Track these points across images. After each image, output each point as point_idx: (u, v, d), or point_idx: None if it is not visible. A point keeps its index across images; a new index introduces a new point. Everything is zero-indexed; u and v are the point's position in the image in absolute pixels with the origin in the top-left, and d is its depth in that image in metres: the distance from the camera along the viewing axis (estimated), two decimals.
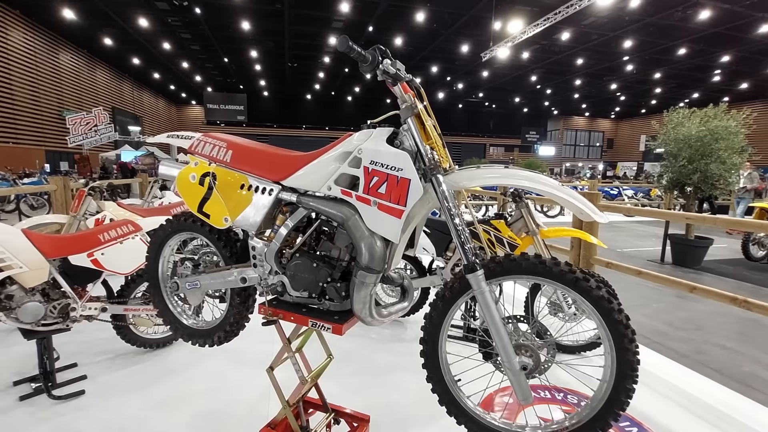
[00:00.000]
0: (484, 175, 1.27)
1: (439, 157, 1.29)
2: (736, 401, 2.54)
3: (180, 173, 1.63)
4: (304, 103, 33.74)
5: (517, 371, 1.22)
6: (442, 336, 1.35)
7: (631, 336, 1.14)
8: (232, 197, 1.55)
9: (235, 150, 1.59)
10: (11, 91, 16.02)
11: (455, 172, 1.31)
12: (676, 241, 6.42)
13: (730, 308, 3.90)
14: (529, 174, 1.25)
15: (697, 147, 5.79)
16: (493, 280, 1.24)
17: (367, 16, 15.89)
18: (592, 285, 1.15)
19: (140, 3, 14.94)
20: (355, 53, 1.22)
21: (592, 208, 1.22)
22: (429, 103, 1.36)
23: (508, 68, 22.90)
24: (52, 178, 5.68)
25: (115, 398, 2.34)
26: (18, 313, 2.21)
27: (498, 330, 1.21)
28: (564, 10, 12.94)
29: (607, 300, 1.14)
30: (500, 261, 1.24)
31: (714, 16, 14.81)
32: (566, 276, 1.16)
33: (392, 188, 1.27)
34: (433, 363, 1.37)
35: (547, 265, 1.18)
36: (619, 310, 1.15)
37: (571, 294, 1.18)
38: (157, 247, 1.76)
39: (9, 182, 10.70)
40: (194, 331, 1.77)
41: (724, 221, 2.84)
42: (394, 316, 1.49)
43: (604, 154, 41.19)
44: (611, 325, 1.14)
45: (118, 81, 24.87)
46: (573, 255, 3.77)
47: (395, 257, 1.39)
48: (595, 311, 1.16)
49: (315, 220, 1.50)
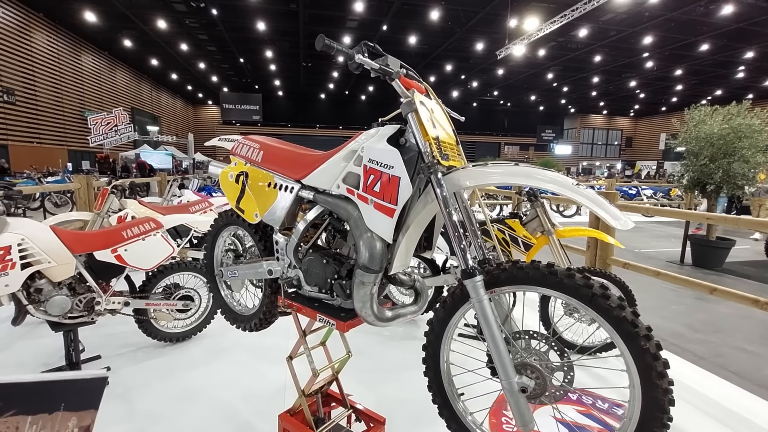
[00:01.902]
0: (492, 173, 1.16)
1: (442, 155, 1.22)
2: (755, 405, 2.48)
3: (222, 172, 1.79)
4: (318, 103, 33.96)
5: (515, 392, 1.08)
6: (444, 345, 1.29)
7: (661, 369, 0.94)
8: (261, 194, 1.66)
9: (265, 151, 1.69)
10: (35, 92, 16.54)
11: (461, 170, 1.22)
12: (696, 241, 6.28)
13: (752, 311, 3.80)
14: (541, 172, 1.12)
15: (720, 145, 5.65)
16: (495, 289, 1.14)
17: (381, 15, 15.90)
18: (612, 303, 0.97)
19: (159, 5, 15.26)
20: (335, 51, 1.23)
21: (613, 211, 1.05)
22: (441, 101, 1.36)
23: (523, 66, 22.63)
24: (76, 176, 5.87)
25: (137, 389, 2.42)
26: (46, 306, 2.30)
27: (496, 344, 1.10)
28: (581, 6, 12.72)
29: (631, 323, 0.95)
30: (505, 268, 1.12)
31: (738, 11, 14.38)
32: (581, 290, 1.00)
33: (385, 186, 1.25)
34: (433, 372, 1.31)
35: (559, 276, 1.03)
36: (646, 336, 0.95)
37: (588, 312, 1.01)
38: (213, 238, 1.98)
39: (34, 181, 11.06)
40: (237, 315, 1.95)
41: (747, 222, 2.78)
42: (402, 319, 1.45)
43: (622, 152, 40.39)
44: (636, 355, 0.95)
45: (137, 82, 25.45)
46: (589, 255, 3.72)
47: (399, 258, 1.33)
48: (616, 334, 0.98)
49: (329, 217, 1.53)
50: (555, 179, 1.10)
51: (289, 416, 1.74)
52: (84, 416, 0.92)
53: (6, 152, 15.03)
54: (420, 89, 1.36)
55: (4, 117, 15.00)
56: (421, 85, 1.39)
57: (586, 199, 1.06)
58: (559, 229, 2.91)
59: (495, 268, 1.14)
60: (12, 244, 2.17)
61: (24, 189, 4.08)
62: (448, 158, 1.25)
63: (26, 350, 2.88)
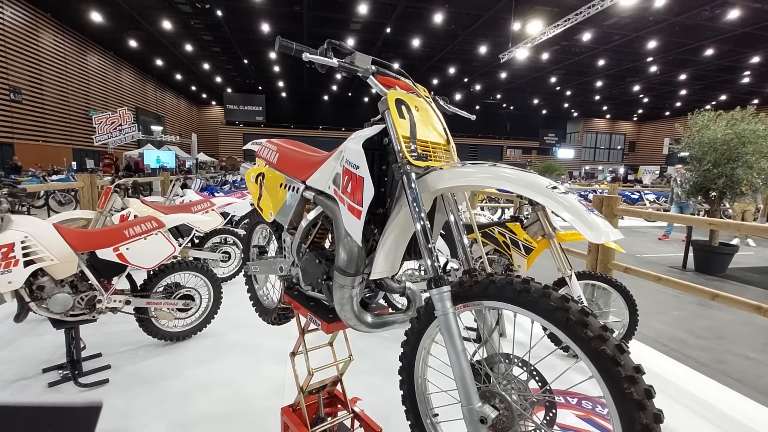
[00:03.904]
0: (466, 175, 1.07)
1: (420, 155, 1.15)
2: (757, 412, 2.47)
3: (246, 172, 1.91)
4: (320, 104, 34.05)
5: (474, 421, 0.97)
6: (419, 359, 1.23)
7: (648, 422, 0.76)
8: (275, 194, 1.73)
9: (280, 153, 1.75)
10: (41, 91, 16.66)
11: (436, 171, 1.15)
12: (699, 247, 6.25)
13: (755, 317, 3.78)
14: (515, 174, 1.01)
15: (723, 151, 5.63)
16: (469, 303, 1.04)
17: (385, 18, 15.95)
18: (591, 332, 0.81)
19: (164, 6, 15.36)
20: (293, 51, 1.23)
21: (591, 221, 0.89)
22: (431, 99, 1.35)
23: (526, 69, 22.63)
24: (80, 175, 5.90)
25: (138, 387, 2.43)
26: (48, 304, 2.32)
27: (459, 363, 1.00)
28: (585, 10, 12.72)
29: (611, 359, 0.78)
30: (477, 280, 1.01)
31: (743, 16, 14.35)
32: (556, 313, 0.85)
33: (354, 187, 1.22)
34: (407, 387, 1.24)
35: (532, 294, 0.90)
36: (631, 378, 0.77)
37: (563, 338, 0.86)
38: (248, 233, 2.13)
39: (39, 179, 11.13)
40: (263, 308, 2.08)
41: (749, 227, 2.77)
42: (391, 327, 1.38)
43: (625, 157, 40.28)
44: (618, 400, 0.78)
45: (142, 82, 25.60)
46: (590, 259, 3.71)
47: (379, 263, 1.25)
48: (595, 371, 0.81)
49: (324, 218, 1.55)
50: (527, 182, 0.99)
51: (290, 411, 1.76)
52: None
53: (12, 150, 15.14)
54: (404, 87, 1.33)
55: (10, 115, 15.10)
56: (407, 82, 1.36)
57: (558, 205, 0.92)
58: (561, 233, 2.91)
59: (467, 280, 1.03)
60: (15, 241, 2.18)
61: (29, 187, 4.11)
62: (428, 159, 1.17)
63: (28, 347, 2.90)
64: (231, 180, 11.62)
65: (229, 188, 9.43)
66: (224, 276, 4.43)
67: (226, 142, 34.28)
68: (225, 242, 4.46)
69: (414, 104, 1.23)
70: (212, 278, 3.04)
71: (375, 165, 1.27)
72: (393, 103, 1.17)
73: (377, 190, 1.25)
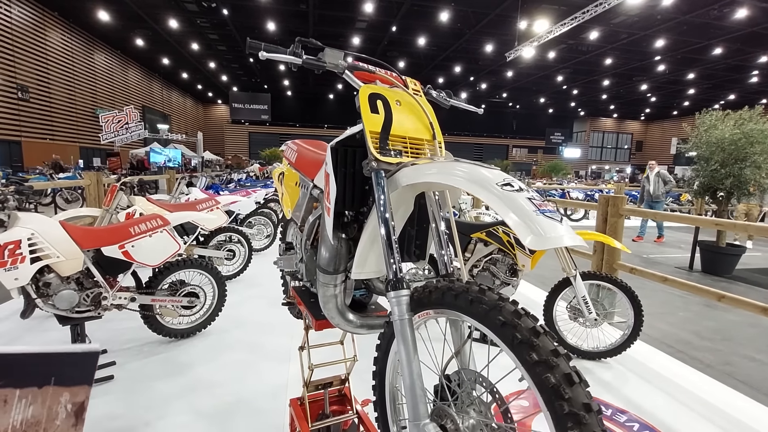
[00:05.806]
0: (422, 171, 0.99)
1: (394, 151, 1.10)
2: (763, 414, 2.44)
3: (273, 171, 2.20)
4: (326, 103, 34.07)
5: None
6: (390, 366, 1.19)
7: None
8: (292, 192, 1.82)
9: (298, 153, 1.77)
10: (49, 89, 16.82)
11: (409, 167, 1.05)
12: (705, 248, 6.19)
13: (762, 319, 3.74)
14: (468, 169, 0.90)
15: (731, 151, 5.57)
16: (429, 311, 0.96)
17: (391, 17, 15.93)
18: (538, 356, 0.70)
19: (171, 5, 15.45)
20: (257, 50, 1.22)
21: (537, 226, 0.75)
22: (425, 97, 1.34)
23: (533, 68, 22.52)
24: (86, 173, 5.95)
25: (143, 383, 2.44)
26: (54, 300, 2.34)
27: (410, 374, 0.92)
28: (593, 9, 12.62)
29: (558, 393, 0.67)
30: (436, 286, 0.92)
31: (752, 15, 14.17)
32: (505, 330, 0.75)
33: (326, 185, 1.23)
34: (378, 393, 1.22)
35: (485, 304, 0.80)
36: (581, 422, 0.65)
37: (512, 358, 0.76)
38: (284, 229, 2.18)
39: (46, 177, 11.24)
40: (289, 301, 2.13)
41: (756, 228, 2.74)
42: (379, 330, 1.30)
43: (632, 156, 39.99)
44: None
45: (148, 80, 25.76)
46: (596, 259, 3.69)
47: (360, 264, 1.18)
48: (542, 402, 0.70)
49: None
50: (475, 177, 0.87)
51: (297, 404, 1.78)
52: (77, 392, 0.88)
53: (19, 148, 15.30)
54: (385, 81, 1.30)
55: (18, 114, 15.26)
56: (390, 75, 1.33)
57: (501, 204, 0.80)
58: None
59: (430, 285, 0.95)
60: (22, 238, 2.20)
61: (36, 185, 4.15)
62: (403, 155, 1.10)
63: (34, 343, 2.93)
64: (236, 178, 11.66)
65: (234, 186, 9.46)
66: (229, 274, 4.45)
67: (232, 140, 34.44)
68: (230, 240, 4.48)
69: (396, 98, 1.18)
70: (217, 276, 3.06)
71: (357, 163, 1.23)
72: (365, 98, 1.14)
73: (362, 188, 1.24)
